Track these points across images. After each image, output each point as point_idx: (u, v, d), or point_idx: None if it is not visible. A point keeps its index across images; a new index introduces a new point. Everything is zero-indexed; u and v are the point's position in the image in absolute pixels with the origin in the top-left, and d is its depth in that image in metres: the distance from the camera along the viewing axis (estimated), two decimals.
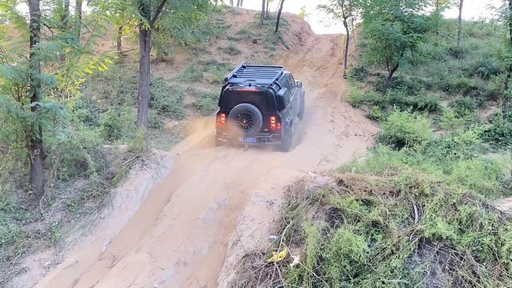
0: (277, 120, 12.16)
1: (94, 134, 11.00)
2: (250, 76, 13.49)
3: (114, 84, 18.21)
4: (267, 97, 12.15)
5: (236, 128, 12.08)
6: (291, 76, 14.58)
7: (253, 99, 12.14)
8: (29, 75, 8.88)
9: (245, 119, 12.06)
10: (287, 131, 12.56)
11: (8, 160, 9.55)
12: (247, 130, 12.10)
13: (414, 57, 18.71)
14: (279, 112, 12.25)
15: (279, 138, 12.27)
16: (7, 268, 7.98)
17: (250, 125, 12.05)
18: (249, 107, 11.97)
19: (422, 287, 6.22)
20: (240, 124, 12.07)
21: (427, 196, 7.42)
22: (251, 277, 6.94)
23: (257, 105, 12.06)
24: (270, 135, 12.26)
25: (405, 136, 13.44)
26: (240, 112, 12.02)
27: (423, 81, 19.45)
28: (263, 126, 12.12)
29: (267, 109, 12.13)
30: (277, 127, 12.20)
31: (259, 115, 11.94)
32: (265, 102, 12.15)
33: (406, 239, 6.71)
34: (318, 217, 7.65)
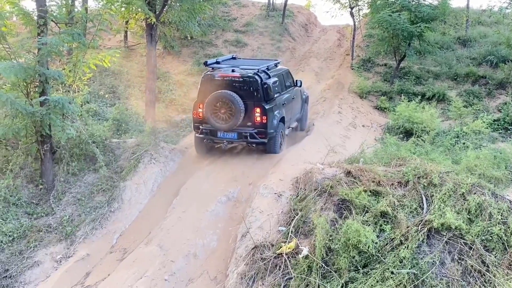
0: (262, 112, 10.35)
1: (102, 129, 11.08)
2: (236, 64, 11.73)
3: (121, 79, 18.27)
4: (251, 84, 10.35)
5: (213, 120, 10.35)
6: (289, 73, 12.83)
7: (235, 87, 10.38)
8: (37, 71, 8.95)
9: (223, 108, 10.22)
10: (275, 128, 10.71)
11: (18, 156, 9.65)
12: (225, 121, 10.28)
13: (421, 47, 18.55)
14: (265, 103, 10.45)
15: (264, 135, 10.46)
16: (19, 261, 8.10)
17: (229, 116, 10.22)
18: (228, 94, 10.11)
19: (431, 277, 6.23)
20: (217, 114, 10.31)
21: (435, 186, 7.42)
22: (260, 268, 6.99)
23: (240, 94, 10.24)
24: (254, 131, 10.44)
25: (413, 126, 13.38)
26: (218, 100, 10.19)
27: (431, 70, 19.31)
28: (246, 119, 10.32)
29: (251, 98, 10.33)
30: (262, 121, 10.37)
31: (240, 103, 10.08)
32: (249, 91, 10.35)
33: (415, 230, 6.70)
34: (326, 209, 7.67)
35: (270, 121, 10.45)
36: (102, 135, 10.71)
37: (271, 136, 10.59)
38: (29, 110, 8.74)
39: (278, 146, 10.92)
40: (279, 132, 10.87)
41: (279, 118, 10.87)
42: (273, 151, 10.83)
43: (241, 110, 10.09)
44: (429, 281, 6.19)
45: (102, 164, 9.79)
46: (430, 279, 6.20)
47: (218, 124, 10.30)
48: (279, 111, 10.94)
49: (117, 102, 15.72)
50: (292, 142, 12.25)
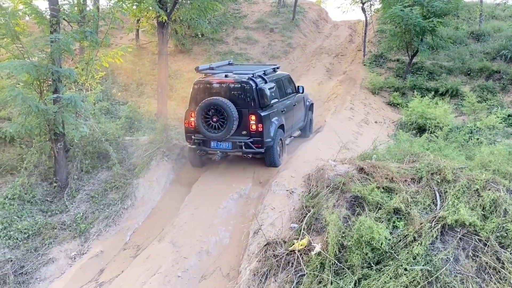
0: (258, 120, 9.54)
1: (115, 127, 11.16)
2: (232, 70, 10.92)
3: (133, 77, 18.38)
4: (245, 90, 9.61)
5: (205, 129, 9.57)
6: (290, 79, 12.04)
7: (229, 93, 9.68)
8: (50, 69, 9.03)
9: (215, 116, 9.46)
10: (273, 136, 9.91)
11: (32, 154, 9.76)
12: (218, 130, 9.49)
13: (434, 42, 18.35)
14: (261, 110, 9.67)
15: (261, 144, 9.66)
16: (35, 258, 8.20)
17: (222, 124, 9.43)
18: (219, 100, 9.36)
19: (445, 274, 6.17)
20: (209, 123, 9.53)
21: (449, 182, 7.35)
22: (273, 265, 6.99)
23: (234, 101, 9.53)
24: (249, 140, 9.64)
25: (426, 122, 13.27)
26: (209, 107, 9.45)
27: (444, 66, 19.11)
28: (240, 128, 9.59)
29: (245, 105, 9.59)
30: (257, 129, 9.57)
31: (232, 110, 9.31)
32: (243, 97, 9.62)
33: (429, 226, 6.65)
34: (339, 205, 7.65)
35: (266, 129, 9.67)
36: (115, 133, 10.79)
37: (269, 146, 9.81)
38: (42, 108, 8.83)
39: (277, 156, 10.11)
40: (277, 141, 10.06)
41: (278, 126, 10.13)
42: (271, 163, 10.05)
43: (234, 118, 9.29)
44: (443, 278, 6.14)
45: (115, 161, 9.86)
46: (444, 276, 6.14)
47: (210, 133, 9.50)
48: (277, 118, 10.20)
49: (129, 100, 15.82)
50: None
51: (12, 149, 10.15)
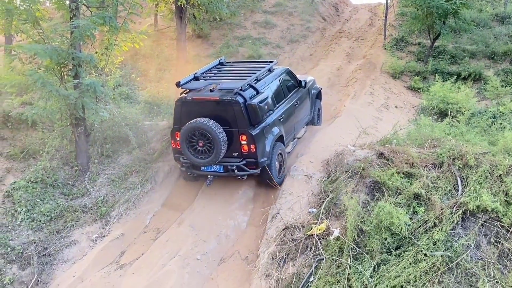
0: (249, 140, 8.45)
1: (135, 112, 11.25)
2: (220, 77, 9.72)
3: (152, 62, 18.42)
4: (232, 108, 8.41)
5: (191, 155, 8.53)
6: (289, 74, 10.65)
7: (214, 112, 8.51)
8: (70, 54, 9.10)
9: (201, 140, 8.36)
10: (269, 154, 8.80)
11: (54, 138, 9.91)
12: (205, 155, 8.43)
13: (457, 25, 17.88)
14: (252, 129, 8.49)
15: (255, 166, 8.63)
16: (57, 240, 8.39)
17: (209, 148, 8.36)
18: (203, 124, 8.18)
19: (466, 260, 6.11)
20: (195, 148, 8.48)
21: (471, 167, 7.23)
22: (291, 249, 7.02)
23: (221, 120, 8.41)
24: (242, 162, 8.60)
25: (447, 107, 13.00)
26: (193, 131, 8.33)
27: (466, 49, 18.66)
28: (231, 149, 8.53)
29: (234, 124, 8.46)
30: (250, 151, 8.51)
31: (219, 134, 8.17)
32: (231, 115, 8.45)
33: (449, 212, 6.57)
34: (358, 191, 7.61)
35: (260, 149, 8.60)
36: (134, 117, 10.88)
37: (265, 166, 8.73)
38: (63, 93, 8.93)
39: (276, 173, 8.98)
40: (275, 157, 8.96)
41: (275, 139, 9.02)
42: (269, 182, 8.76)
43: (222, 142, 8.19)
44: (464, 264, 6.08)
45: (135, 146, 9.96)
46: (464, 262, 6.09)
47: (197, 159, 8.48)
48: (274, 130, 9.04)
49: (148, 85, 15.89)
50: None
51: (34, 134, 10.33)
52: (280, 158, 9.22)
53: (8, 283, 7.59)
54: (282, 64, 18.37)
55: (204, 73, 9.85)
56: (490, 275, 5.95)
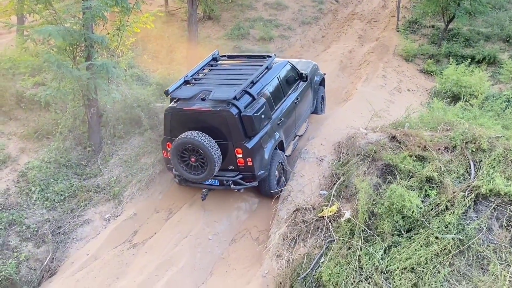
0: (246, 154, 7.82)
1: (146, 93, 11.25)
2: (213, 79, 8.95)
3: (163, 44, 18.37)
4: (226, 120, 7.73)
5: (183, 171, 7.96)
6: (290, 68, 9.78)
7: (207, 123, 7.87)
8: (82, 35, 9.11)
9: (193, 156, 7.75)
10: (267, 165, 8.22)
11: (67, 119, 9.98)
12: (198, 172, 7.84)
13: (472, 7, 17.54)
14: (248, 142, 7.85)
15: (253, 179, 8.05)
16: (71, 219, 8.52)
17: (202, 164, 7.74)
18: (194, 140, 7.53)
19: (478, 243, 6.12)
20: (187, 163, 7.88)
21: (484, 151, 7.20)
22: (302, 230, 7.08)
23: (214, 132, 7.76)
24: (238, 177, 8.01)
25: (461, 90, 12.87)
26: (184, 147, 7.73)
27: (481, 32, 18.34)
28: (225, 163, 7.92)
29: (228, 137, 7.82)
30: (247, 164, 7.89)
31: (212, 150, 7.54)
32: (224, 128, 7.78)
33: (462, 195, 6.56)
34: (369, 173, 7.61)
35: (258, 161, 7.98)
36: (146, 99, 10.88)
37: (263, 178, 8.23)
38: (75, 74, 8.96)
39: (274, 184, 8.44)
40: (274, 167, 8.38)
41: (274, 147, 8.42)
42: (267, 192, 8.44)
43: (216, 158, 7.57)
44: (475, 247, 6.09)
45: (147, 127, 10.00)
46: (476, 245, 6.10)
47: (190, 174, 7.90)
48: (272, 137, 8.41)
49: (159, 67, 15.88)
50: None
51: (47, 114, 10.39)
52: (280, 166, 8.61)
53: (24, 260, 7.75)
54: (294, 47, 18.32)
55: (197, 73, 9.06)
56: (501, 258, 5.96)
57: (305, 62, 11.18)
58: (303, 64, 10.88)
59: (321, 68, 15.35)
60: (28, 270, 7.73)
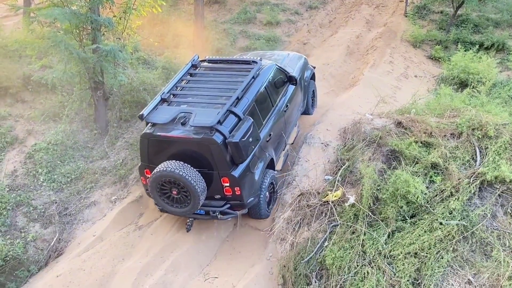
0: (233, 183, 7.02)
1: (152, 77, 11.26)
2: (194, 94, 7.79)
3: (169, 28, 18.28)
4: (209, 148, 6.85)
5: (165, 204, 7.17)
6: (277, 71, 8.65)
7: (189, 151, 7.01)
8: (89, 18, 9.09)
9: (175, 188, 6.94)
10: (257, 190, 7.44)
11: (73, 101, 10.03)
12: (181, 205, 7.07)
13: None
14: (235, 170, 7.01)
15: (242, 207, 7.32)
16: (78, 201, 8.61)
17: (185, 197, 6.95)
18: (174, 173, 6.68)
19: (482, 229, 6.14)
20: (168, 196, 7.07)
21: (490, 138, 7.18)
22: (306, 214, 7.12)
23: (197, 161, 6.92)
24: (225, 206, 7.23)
25: (468, 77, 12.75)
26: (163, 180, 6.87)
27: (490, 18, 18.11)
28: (211, 191, 7.13)
29: (214, 167, 6.97)
30: (235, 193, 7.10)
31: (195, 184, 6.73)
32: (208, 157, 6.92)
33: (467, 182, 6.57)
34: (374, 159, 7.62)
35: (247, 189, 7.20)
36: (152, 83, 10.90)
37: (254, 204, 7.51)
38: (82, 56, 8.97)
39: (265, 208, 7.74)
40: (265, 190, 7.63)
41: (264, 168, 7.63)
42: (257, 216, 7.79)
43: (199, 192, 6.79)
44: (479, 233, 6.12)
45: None
46: (480, 231, 6.13)
47: (173, 208, 7.16)
48: (262, 159, 7.60)
49: (165, 50, 15.83)
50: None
51: (54, 97, 10.43)
52: (271, 187, 7.95)
53: (31, 240, 7.87)
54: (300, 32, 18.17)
55: (175, 87, 7.95)
56: (505, 244, 5.99)
57: (293, 57, 10.13)
58: (291, 60, 9.91)
59: (328, 53, 15.33)
60: (35, 250, 7.85)
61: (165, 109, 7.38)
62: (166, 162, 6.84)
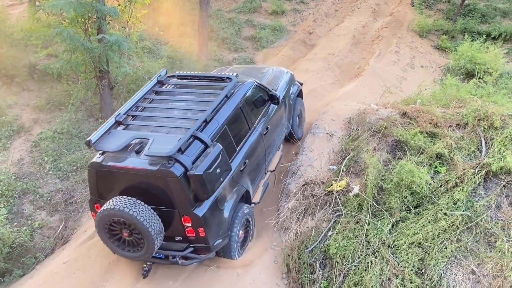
0: (196, 223, 5.90)
1: (157, 66, 11.26)
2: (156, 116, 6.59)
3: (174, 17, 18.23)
4: (167, 183, 5.74)
5: (115, 248, 6.05)
6: (257, 89, 7.51)
7: (143, 185, 5.93)
8: (94, 7, 9.08)
9: (125, 230, 5.81)
10: (226, 231, 6.36)
11: (79, 90, 10.07)
12: (134, 249, 5.94)
13: None
14: (199, 207, 5.89)
15: (207, 251, 6.17)
16: (83, 189, 8.67)
17: (138, 240, 5.83)
18: (124, 213, 5.60)
19: (486, 220, 6.14)
20: (119, 238, 5.95)
21: (496, 129, 7.13)
22: (310, 204, 7.14)
23: (153, 197, 5.87)
24: (187, 251, 6.08)
25: (475, 67, 12.68)
26: (111, 220, 5.77)
27: (498, 8, 17.94)
28: (171, 232, 6.05)
29: (172, 203, 5.86)
30: (198, 235, 5.97)
31: (149, 226, 5.65)
32: (166, 192, 5.81)
33: (472, 172, 6.55)
34: (379, 149, 7.61)
35: (213, 230, 6.09)
36: (157, 72, 10.87)
37: (221, 247, 6.40)
38: (87, 46, 8.98)
39: (237, 249, 6.65)
40: (237, 229, 6.53)
41: (236, 202, 6.54)
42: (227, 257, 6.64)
43: (155, 235, 5.71)
44: (483, 223, 6.12)
45: None
46: (484, 222, 6.12)
47: (124, 252, 6.02)
48: (233, 192, 6.50)
49: (170, 39, 15.81)
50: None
51: (60, 86, 10.47)
52: (246, 224, 6.89)
53: (38, 227, 7.96)
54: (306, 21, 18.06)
55: (134, 107, 6.75)
56: (509, 235, 5.98)
57: (277, 72, 9.05)
58: (274, 75, 8.88)
59: (333, 43, 15.24)
60: (42, 237, 7.94)
61: (118, 134, 6.20)
62: (114, 199, 5.73)
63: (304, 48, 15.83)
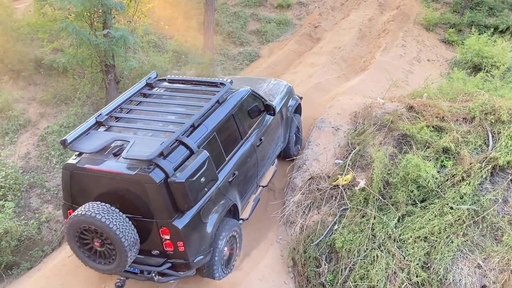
0: (175, 236, 5.39)
1: (163, 60, 11.27)
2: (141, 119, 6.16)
3: (179, 11, 18.21)
4: (144, 190, 5.25)
5: (85, 259, 5.55)
6: (252, 98, 7.10)
7: (119, 191, 5.46)
8: (100, 1, 9.09)
9: (97, 239, 5.32)
10: (208, 248, 5.81)
11: (85, 85, 10.10)
12: (105, 261, 5.44)
13: None
14: (179, 219, 5.39)
15: (187, 268, 5.64)
16: None
17: (110, 252, 5.34)
18: (95, 220, 5.11)
19: (493, 214, 6.12)
20: (89, 247, 5.46)
21: (504, 123, 7.10)
22: (316, 198, 7.14)
23: (129, 205, 5.41)
24: (165, 266, 5.54)
25: (482, 61, 12.59)
26: (81, 228, 5.29)
27: (506, 1, 17.77)
28: (148, 245, 5.55)
29: (150, 213, 5.37)
30: (177, 250, 5.46)
31: (122, 235, 5.16)
32: (144, 199, 5.33)
33: (478, 166, 6.53)
34: (385, 143, 7.59)
35: (194, 245, 5.59)
36: (162, 66, 10.92)
37: (203, 264, 5.87)
38: (93, 41, 9.00)
39: (220, 269, 6.09)
40: (222, 245, 5.99)
41: (221, 217, 5.99)
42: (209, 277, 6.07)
43: (126, 247, 5.20)
44: (490, 218, 6.11)
45: None
46: (491, 216, 6.11)
47: (95, 264, 5.51)
48: (219, 204, 5.97)
49: (176, 34, 15.80)
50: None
51: (66, 80, 10.50)
52: (232, 241, 6.35)
53: (45, 221, 8.01)
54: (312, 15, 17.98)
55: (118, 108, 6.36)
56: None
57: (275, 84, 8.66)
58: (273, 87, 8.50)
59: (339, 37, 15.16)
60: (49, 231, 7.99)
61: (98, 135, 5.78)
62: (87, 204, 5.24)
63: (310, 42, 15.76)
